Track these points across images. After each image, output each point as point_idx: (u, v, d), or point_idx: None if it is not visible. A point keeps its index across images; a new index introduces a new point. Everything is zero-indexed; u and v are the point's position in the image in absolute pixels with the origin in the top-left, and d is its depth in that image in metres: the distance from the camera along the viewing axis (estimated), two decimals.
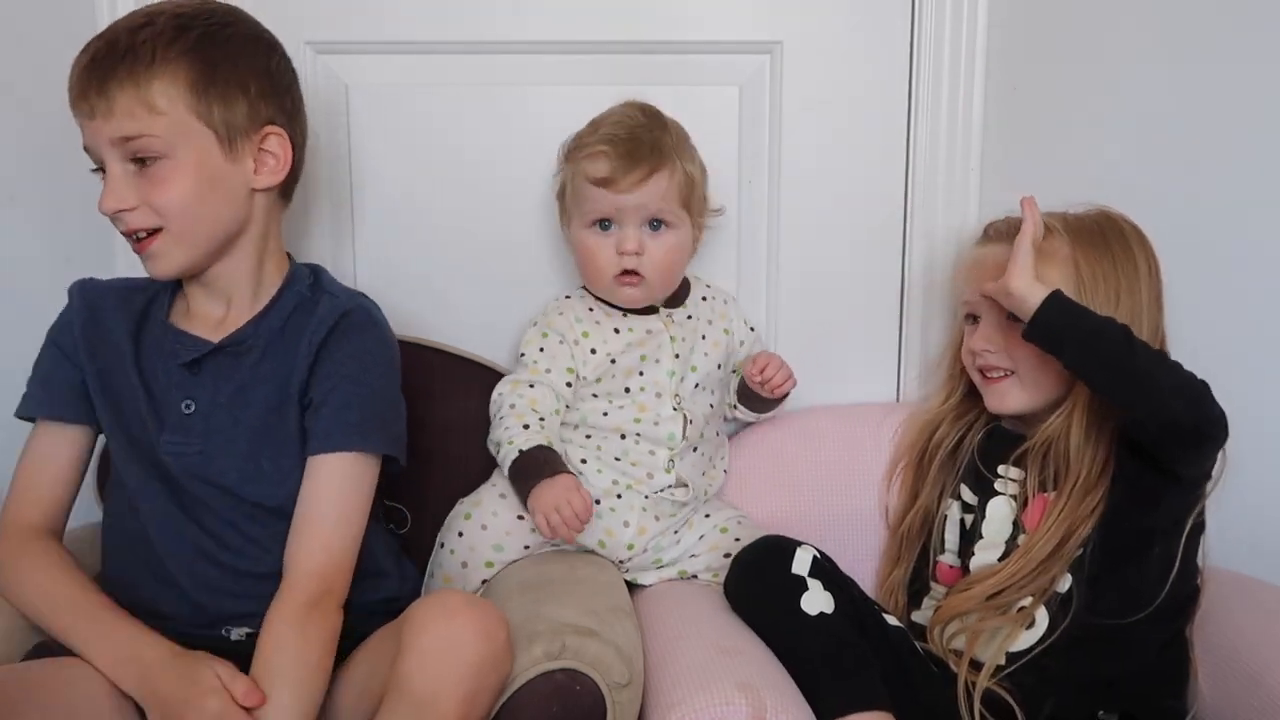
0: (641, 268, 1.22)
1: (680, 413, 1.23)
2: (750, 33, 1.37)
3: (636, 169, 1.19)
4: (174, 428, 1.07)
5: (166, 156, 1.02)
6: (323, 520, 1.04)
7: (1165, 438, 1.04)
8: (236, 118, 1.04)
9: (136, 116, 1.00)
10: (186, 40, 1.02)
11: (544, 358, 1.24)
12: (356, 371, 1.08)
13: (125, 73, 1.00)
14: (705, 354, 1.28)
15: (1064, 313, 1.06)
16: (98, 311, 1.12)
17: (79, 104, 1.02)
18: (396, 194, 1.39)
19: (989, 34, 1.35)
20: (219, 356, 1.08)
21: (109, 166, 1.03)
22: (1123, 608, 1.08)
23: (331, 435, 1.06)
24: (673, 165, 1.21)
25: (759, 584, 1.09)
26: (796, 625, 1.04)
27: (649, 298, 1.26)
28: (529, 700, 0.94)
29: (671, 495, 1.23)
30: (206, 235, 1.06)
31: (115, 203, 1.02)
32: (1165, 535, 1.09)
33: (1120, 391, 1.04)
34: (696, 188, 1.25)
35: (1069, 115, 1.36)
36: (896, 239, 1.41)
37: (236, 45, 1.06)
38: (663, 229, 1.22)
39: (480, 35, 1.36)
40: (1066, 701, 1.08)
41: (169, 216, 1.03)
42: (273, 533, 1.06)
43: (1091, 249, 1.14)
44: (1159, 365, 1.04)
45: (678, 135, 1.25)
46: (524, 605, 1.05)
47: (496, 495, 1.23)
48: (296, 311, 1.10)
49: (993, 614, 1.10)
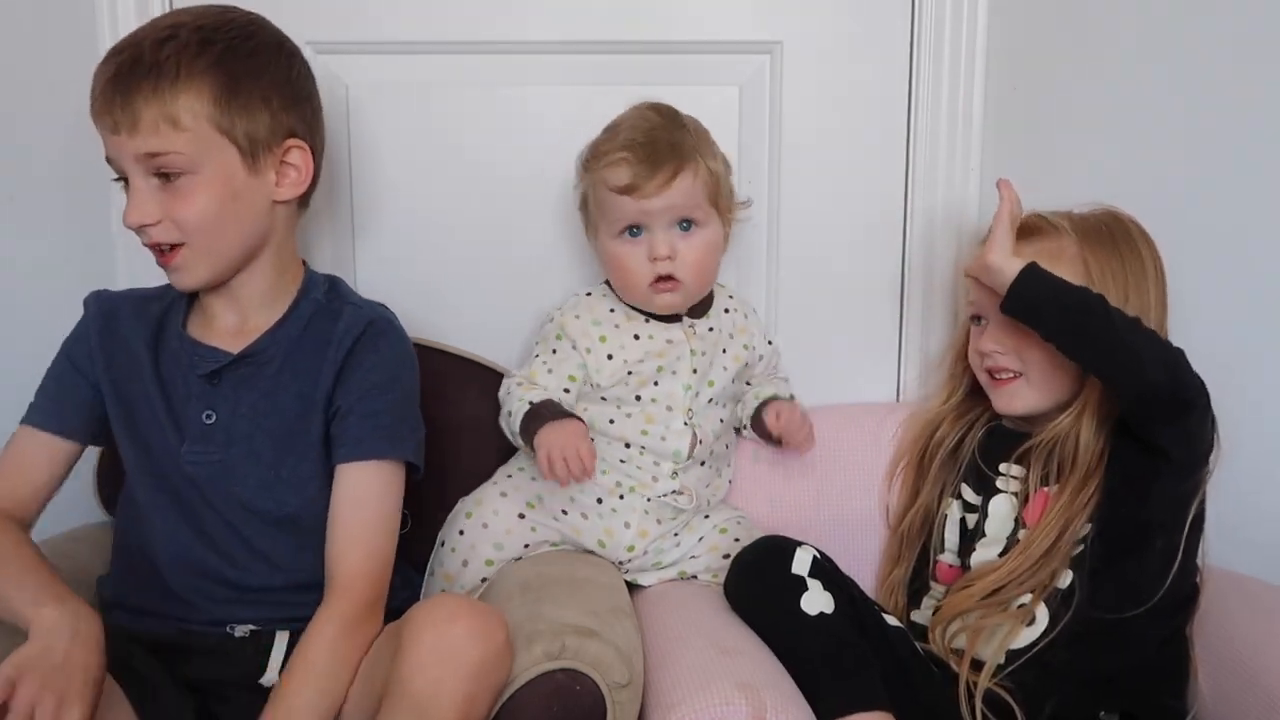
0: (677, 272, 1.19)
1: (690, 428, 1.22)
2: (750, 33, 1.37)
3: (659, 172, 1.16)
4: (195, 438, 1.08)
5: (191, 172, 1.02)
6: (365, 526, 1.06)
7: (1146, 409, 1.04)
8: (259, 131, 1.05)
9: (161, 133, 1.00)
10: (210, 54, 1.02)
11: (552, 360, 1.23)
12: (385, 380, 1.09)
13: (150, 89, 1.00)
14: (724, 368, 1.26)
15: (1040, 283, 1.07)
16: (114, 321, 1.13)
17: (102, 117, 1.02)
18: (396, 194, 1.39)
19: (989, 34, 1.35)
20: (239, 367, 1.09)
21: (132, 180, 1.03)
22: (1122, 603, 1.08)
23: (364, 442, 1.07)
24: (695, 164, 1.18)
25: (759, 584, 1.09)
26: (796, 625, 1.04)
27: (687, 302, 1.23)
28: (529, 700, 0.94)
29: (675, 501, 1.22)
30: (229, 249, 1.06)
31: (139, 218, 1.02)
32: (1165, 529, 1.08)
33: (1098, 361, 1.06)
34: (722, 183, 1.22)
35: (1069, 115, 1.36)
36: (896, 239, 1.41)
37: (259, 58, 1.06)
38: (693, 229, 1.20)
39: (480, 35, 1.36)
40: (1067, 700, 1.08)
41: (192, 231, 1.03)
42: (281, 547, 1.08)
43: (1100, 248, 1.14)
44: (1135, 333, 1.04)
45: (697, 132, 1.22)
46: (524, 605, 1.05)
47: (498, 494, 1.23)
48: (314, 319, 1.11)
49: (994, 611, 1.10)
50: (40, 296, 1.40)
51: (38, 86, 1.37)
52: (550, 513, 1.22)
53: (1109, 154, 1.36)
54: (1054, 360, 1.12)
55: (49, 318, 1.40)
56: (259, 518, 1.08)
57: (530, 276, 1.40)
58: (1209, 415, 1.05)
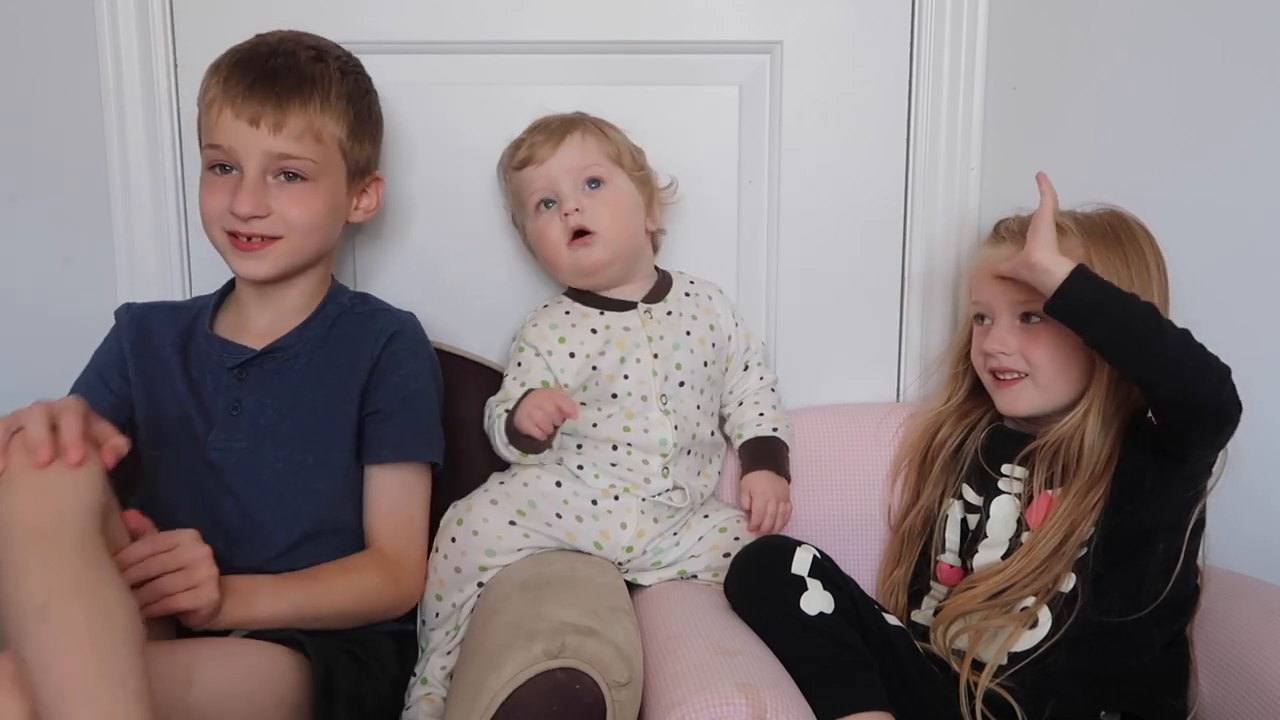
0: (588, 223, 1.22)
1: (667, 414, 1.22)
2: (750, 33, 1.37)
3: (549, 138, 1.24)
4: (222, 426, 1.13)
5: (312, 179, 1.12)
6: (410, 520, 1.17)
7: (1187, 417, 1.03)
8: (363, 160, 1.19)
9: (304, 141, 1.11)
10: (349, 84, 1.15)
11: (519, 372, 1.25)
12: (422, 387, 1.18)
13: (305, 99, 1.11)
14: (691, 351, 1.27)
15: (1092, 287, 1.04)
16: (146, 330, 1.19)
17: (243, 109, 1.09)
18: (396, 193, 1.39)
19: (989, 34, 1.35)
20: (265, 363, 1.15)
21: (249, 172, 1.10)
22: (1124, 607, 1.08)
23: (406, 446, 1.16)
24: (584, 127, 1.25)
25: (759, 583, 1.09)
26: (796, 625, 1.04)
27: (612, 259, 1.24)
28: (529, 698, 0.93)
29: (669, 500, 1.22)
30: (310, 252, 1.16)
31: (253, 208, 1.10)
32: (1168, 532, 1.09)
33: (1146, 369, 1.03)
34: (621, 145, 1.27)
35: (1069, 114, 1.37)
36: (896, 239, 1.41)
37: (373, 96, 1.21)
38: (600, 186, 1.24)
39: (481, 35, 1.36)
40: (1068, 701, 1.08)
41: (296, 231, 1.12)
42: (294, 536, 1.12)
43: (1105, 247, 1.13)
44: (1186, 345, 1.03)
45: (594, 119, 1.28)
46: (524, 604, 1.05)
47: (488, 501, 1.22)
48: (341, 321, 1.19)
49: (997, 613, 1.10)
50: (40, 296, 1.40)
51: (38, 87, 1.37)
52: (543, 519, 1.21)
53: (1109, 154, 1.36)
54: (1060, 361, 1.12)
55: (49, 317, 1.40)
56: (277, 504, 1.12)
57: (530, 276, 1.40)
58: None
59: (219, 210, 1.11)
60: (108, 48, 1.35)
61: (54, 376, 1.20)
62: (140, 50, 1.35)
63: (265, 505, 1.12)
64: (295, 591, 1.06)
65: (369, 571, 1.12)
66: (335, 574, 1.10)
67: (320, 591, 1.08)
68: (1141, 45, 1.35)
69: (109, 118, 1.36)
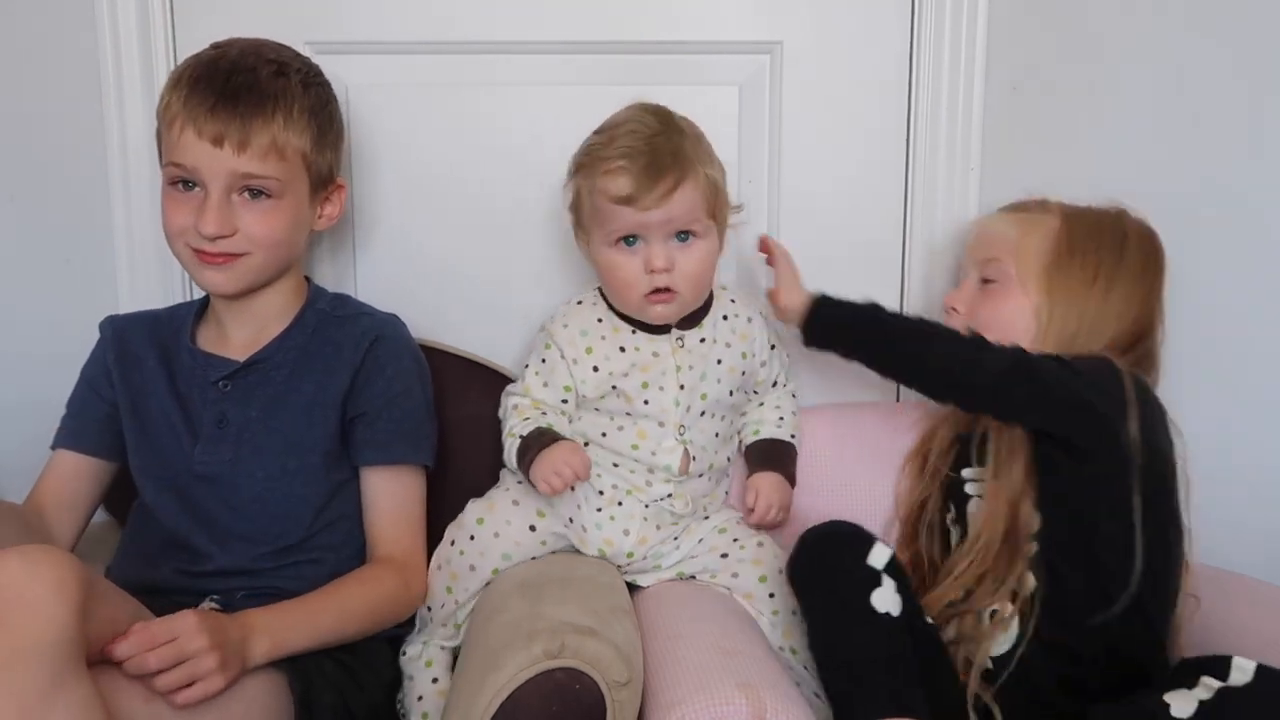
0: (674, 284, 1.16)
1: (682, 444, 1.20)
2: (750, 33, 1.37)
3: (660, 184, 1.12)
4: (208, 440, 1.13)
5: (276, 196, 1.11)
6: (409, 521, 1.17)
7: (968, 406, 1.09)
8: (326, 170, 1.17)
9: (268, 160, 1.09)
10: (310, 96, 1.13)
11: (543, 369, 1.22)
12: (406, 388, 1.18)
13: (269, 117, 1.09)
14: (718, 380, 1.22)
15: (831, 307, 1.14)
16: (128, 343, 1.20)
17: (206, 129, 1.07)
18: (396, 193, 1.39)
19: (989, 34, 1.35)
20: (248, 374, 1.15)
21: (213, 192, 1.09)
22: (1092, 604, 1.05)
23: (392, 447, 1.16)
24: (696, 174, 1.14)
25: (832, 567, 1.04)
26: (862, 618, 1.00)
27: (681, 312, 1.21)
28: (529, 698, 0.93)
29: (670, 506, 1.22)
30: (275, 265, 1.15)
31: (220, 228, 1.09)
32: (1113, 519, 1.05)
33: (893, 372, 1.14)
34: (720, 192, 1.19)
35: (1069, 114, 1.37)
36: (896, 238, 1.41)
37: (333, 105, 1.18)
38: (691, 240, 1.16)
39: (481, 35, 1.36)
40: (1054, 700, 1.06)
41: (262, 247, 1.11)
42: (274, 537, 1.12)
43: (1080, 231, 1.15)
44: (918, 339, 1.09)
45: (695, 137, 1.18)
46: (524, 604, 1.05)
47: (509, 501, 1.22)
48: (321, 326, 1.18)
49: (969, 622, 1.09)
50: (40, 297, 1.40)
51: (38, 88, 1.37)
52: (560, 519, 1.22)
53: (1109, 154, 1.36)
54: (997, 328, 1.13)
55: (49, 318, 1.40)
56: (263, 510, 1.12)
57: (530, 276, 1.40)
58: (1092, 406, 1.04)
59: (183, 226, 1.10)
60: (108, 48, 1.35)
61: (54, 377, 1.20)
62: (140, 50, 1.35)
63: (251, 511, 1.13)
64: (324, 616, 1.06)
65: (384, 580, 1.13)
66: (354, 587, 1.11)
67: (345, 611, 1.08)
68: (1141, 45, 1.35)
69: (109, 118, 1.36)
